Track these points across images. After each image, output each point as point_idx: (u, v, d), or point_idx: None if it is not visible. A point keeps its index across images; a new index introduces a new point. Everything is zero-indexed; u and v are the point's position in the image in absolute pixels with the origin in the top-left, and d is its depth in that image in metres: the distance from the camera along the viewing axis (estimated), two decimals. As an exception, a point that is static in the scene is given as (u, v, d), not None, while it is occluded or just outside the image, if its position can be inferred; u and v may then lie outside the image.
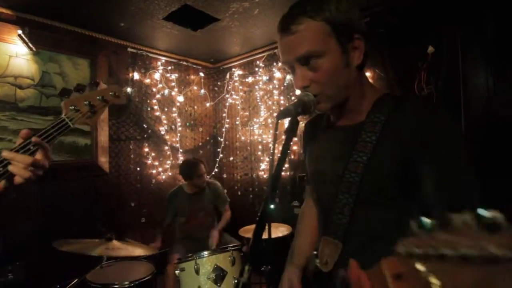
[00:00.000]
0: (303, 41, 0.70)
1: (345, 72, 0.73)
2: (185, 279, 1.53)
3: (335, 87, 0.74)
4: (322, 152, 0.85)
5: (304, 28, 0.69)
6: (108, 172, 2.92)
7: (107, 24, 2.75)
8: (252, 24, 2.85)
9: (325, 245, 0.74)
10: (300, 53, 0.71)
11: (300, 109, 0.70)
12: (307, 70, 0.72)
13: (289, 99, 3.21)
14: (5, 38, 2.38)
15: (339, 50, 0.71)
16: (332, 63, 0.71)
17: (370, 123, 0.73)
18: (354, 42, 0.72)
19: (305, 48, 0.70)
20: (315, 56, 0.70)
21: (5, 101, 2.37)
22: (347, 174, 0.72)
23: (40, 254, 2.47)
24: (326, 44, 0.69)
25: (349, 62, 0.73)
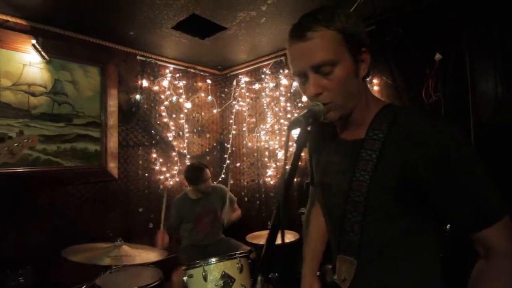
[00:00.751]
0: (318, 49, 0.70)
1: (355, 81, 0.75)
2: (193, 285, 1.54)
3: (345, 96, 0.75)
4: (327, 163, 0.87)
5: (319, 35, 0.70)
6: (117, 178, 2.97)
7: (117, 33, 2.82)
8: (258, 33, 2.89)
9: (342, 264, 0.77)
10: (316, 61, 0.71)
11: (311, 119, 0.72)
12: (321, 78, 0.73)
13: (296, 105, 3.23)
14: (19, 47, 2.46)
15: (350, 60, 0.72)
16: (344, 72, 0.72)
17: (369, 140, 0.74)
18: (362, 55, 0.74)
19: (321, 56, 0.71)
20: (329, 64, 0.71)
21: (18, 108, 2.44)
22: (352, 193, 0.74)
23: (50, 258, 2.50)
24: (339, 52, 0.71)
25: (358, 73, 0.75)
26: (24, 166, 2.42)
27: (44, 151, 2.54)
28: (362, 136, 0.77)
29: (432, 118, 0.70)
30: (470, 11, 2.05)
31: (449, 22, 2.18)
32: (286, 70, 3.30)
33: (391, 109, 0.76)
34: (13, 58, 2.43)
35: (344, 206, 0.76)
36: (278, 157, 3.38)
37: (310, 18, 0.73)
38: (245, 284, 1.55)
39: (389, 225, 0.72)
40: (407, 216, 0.72)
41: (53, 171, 2.58)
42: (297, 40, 0.73)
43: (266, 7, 2.41)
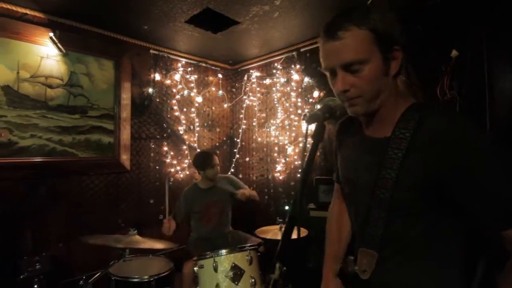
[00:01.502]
0: (349, 48, 0.72)
1: (384, 80, 0.75)
2: (203, 276, 1.57)
3: (373, 93, 0.76)
4: (352, 159, 0.89)
5: (350, 35, 0.72)
6: (130, 170, 3.03)
7: (131, 27, 2.85)
8: (271, 27, 2.88)
9: (363, 256, 0.79)
10: (345, 60, 0.73)
11: (327, 114, 0.73)
12: (349, 75, 0.75)
13: (307, 101, 3.22)
14: (37, 40, 2.52)
15: (380, 59, 0.73)
16: (373, 70, 0.73)
17: (396, 139, 0.74)
18: (394, 53, 0.74)
19: (351, 55, 0.72)
20: (358, 63, 0.73)
21: (36, 100, 2.51)
22: (378, 190, 0.76)
23: (65, 246, 2.59)
24: (369, 52, 0.72)
25: (388, 71, 0.75)
26: (41, 156, 2.50)
27: (60, 142, 2.61)
28: (389, 134, 0.77)
29: (459, 119, 0.71)
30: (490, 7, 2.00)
31: (467, 19, 2.13)
32: (297, 65, 3.28)
33: (418, 108, 0.76)
34: (31, 50, 2.50)
35: (369, 202, 0.78)
36: (288, 152, 3.38)
37: (343, 17, 0.74)
38: (255, 276, 1.58)
39: (412, 222, 0.74)
40: (430, 215, 0.73)
41: (69, 162, 2.65)
42: (329, 38, 0.75)
43: (279, 2, 2.40)
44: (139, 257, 2.21)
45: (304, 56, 3.25)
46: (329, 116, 0.73)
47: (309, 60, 3.22)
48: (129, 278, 1.94)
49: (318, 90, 3.11)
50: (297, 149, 3.32)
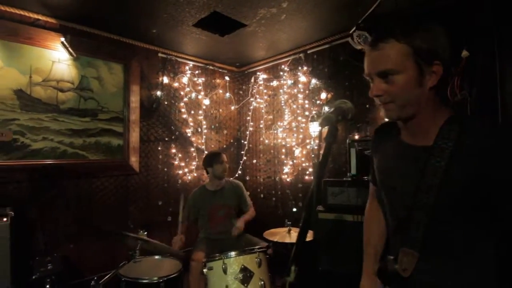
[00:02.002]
0: (385, 59, 0.79)
1: (417, 90, 0.80)
2: (213, 278, 1.58)
3: (404, 101, 0.81)
4: (390, 166, 0.94)
5: (388, 47, 0.79)
6: (138, 172, 3.06)
7: (140, 31, 2.90)
8: (278, 29, 2.88)
9: (404, 255, 0.83)
10: (380, 69, 0.81)
11: (340, 116, 0.74)
12: (383, 83, 0.81)
13: (314, 103, 3.21)
14: (49, 45, 2.57)
15: (415, 71, 0.78)
16: (406, 81, 0.78)
17: (438, 148, 0.79)
18: (433, 67, 0.78)
19: (385, 66, 0.79)
20: (391, 73, 0.79)
21: (48, 103, 2.56)
22: (421, 195, 0.80)
23: (76, 246, 2.63)
24: (404, 64, 0.78)
25: (423, 83, 0.79)
26: (52, 158, 2.55)
27: (71, 144, 2.66)
28: (430, 143, 0.81)
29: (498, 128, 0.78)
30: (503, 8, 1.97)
31: (479, 18, 2.10)
32: (304, 67, 3.28)
33: (458, 119, 0.81)
34: (43, 55, 2.55)
35: (410, 206, 0.82)
36: (295, 154, 3.37)
37: (387, 30, 0.81)
38: (264, 278, 1.58)
39: (452, 226, 0.79)
40: (470, 220, 0.78)
41: (79, 164, 2.69)
42: (371, 48, 0.83)
43: (287, 4, 2.41)
44: (148, 258, 2.22)
45: (311, 58, 3.25)
46: (341, 119, 0.74)
47: (316, 61, 3.22)
48: (139, 279, 1.95)
49: (326, 91, 3.10)
50: (304, 151, 3.31)
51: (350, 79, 2.94)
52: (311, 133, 3.13)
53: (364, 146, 2.50)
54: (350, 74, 2.93)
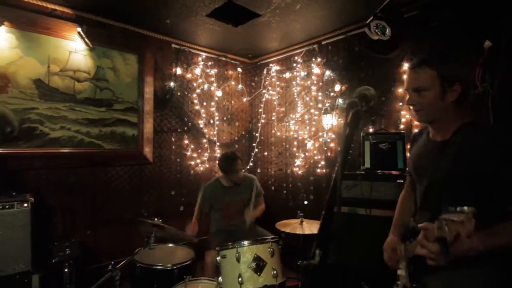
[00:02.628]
0: (418, 80, 1.12)
1: (440, 103, 1.11)
2: (226, 265, 1.60)
3: (429, 110, 1.13)
4: (420, 155, 1.26)
5: (422, 71, 1.12)
6: (152, 162, 3.11)
7: (154, 21, 2.91)
8: (292, 19, 2.84)
9: (421, 215, 1.14)
10: (413, 86, 1.14)
11: (364, 102, 0.74)
12: (416, 96, 1.14)
13: (328, 95, 3.17)
14: (66, 35, 2.62)
15: (440, 89, 1.09)
16: (431, 96, 1.10)
17: (451, 142, 1.11)
18: (454, 87, 1.09)
19: (417, 84, 1.13)
20: (422, 89, 1.12)
21: (65, 93, 2.61)
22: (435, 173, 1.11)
23: (92, 232, 2.71)
24: (431, 84, 1.10)
25: (445, 97, 1.10)
26: (70, 147, 2.61)
27: (88, 133, 2.71)
28: (447, 139, 1.13)
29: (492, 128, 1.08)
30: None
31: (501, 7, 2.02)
32: (318, 58, 3.23)
33: (470, 123, 1.11)
34: (60, 45, 2.60)
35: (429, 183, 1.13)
36: (308, 147, 3.35)
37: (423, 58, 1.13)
38: (276, 268, 1.59)
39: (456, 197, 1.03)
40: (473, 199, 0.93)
41: (95, 153, 2.75)
42: (411, 70, 1.16)
43: (302, -7, 2.37)
44: (162, 246, 2.27)
45: (326, 49, 3.20)
46: (365, 104, 0.74)
47: (331, 53, 3.17)
48: (153, 266, 2.00)
49: (340, 83, 3.05)
50: (317, 144, 3.28)
51: (366, 71, 2.88)
52: (324, 126, 3.10)
53: (379, 139, 2.46)
54: (366, 65, 2.87)
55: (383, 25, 2.36)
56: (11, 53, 2.36)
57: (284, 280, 1.64)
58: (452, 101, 1.09)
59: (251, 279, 1.53)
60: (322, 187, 3.20)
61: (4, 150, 2.32)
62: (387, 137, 2.46)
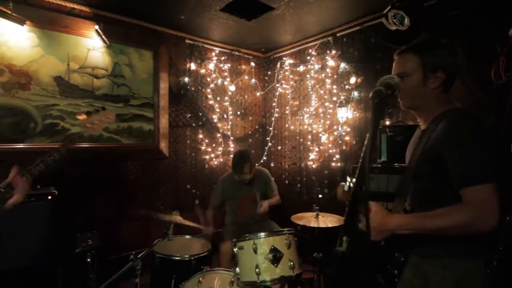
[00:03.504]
0: (402, 65, 1.14)
1: (422, 88, 1.11)
2: (243, 256, 1.62)
3: (412, 94, 1.14)
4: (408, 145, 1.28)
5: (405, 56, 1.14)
6: (168, 156, 3.17)
7: (169, 17, 2.93)
8: (307, 12, 2.80)
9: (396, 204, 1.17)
10: (398, 72, 1.14)
11: (389, 91, 0.73)
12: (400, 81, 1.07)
13: (343, 88, 3.12)
14: (84, 33, 2.68)
15: (422, 75, 1.10)
16: (414, 81, 1.11)
17: (427, 131, 1.11)
18: (437, 74, 1.09)
19: (401, 69, 1.14)
20: (404, 74, 1.12)
21: (84, 89, 2.69)
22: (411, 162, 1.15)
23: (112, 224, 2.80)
24: (414, 69, 1.11)
25: (427, 83, 1.10)
26: (90, 142, 2.69)
27: (107, 129, 2.79)
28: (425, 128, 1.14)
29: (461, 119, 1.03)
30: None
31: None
32: (333, 50, 3.18)
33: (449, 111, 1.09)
34: (79, 43, 2.67)
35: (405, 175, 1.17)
36: (322, 140, 3.32)
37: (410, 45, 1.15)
38: (293, 259, 1.60)
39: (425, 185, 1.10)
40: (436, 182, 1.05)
41: (114, 148, 2.83)
42: (397, 55, 1.18)
43: (317, -16, 2.33)
44: (179, 237, 2.32)
45: (341, 41, 3.14)
46: (391, 93, 0.73)
47: (346, 45, 3.11)
48: (172, 256, 2.05)
49: (355, 76, 3.00)
50: (331, 138, 3.25)
51: (382, 62, 2.81)
52: (339, 119, 3.06)
53: (396, 131, 2.41)
54: (382, 57, 2.80)
55: (402, 15, 2.30)
56: (33, 51, 2.45)
57: (300, 271, 1.65)
58: (435, 88, 1.09)
59: (268, 270, 1.55)
60: (337, 181, 3.17)
61: (28, 145, 2.42)
62: (405, 129, 2.41)
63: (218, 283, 1.78)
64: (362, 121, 2.99)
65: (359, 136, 3.02)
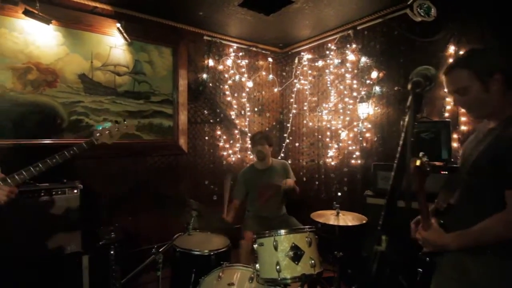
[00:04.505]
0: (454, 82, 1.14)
1: (486, 95, 1.08)
2: (263, 253, 1.61)
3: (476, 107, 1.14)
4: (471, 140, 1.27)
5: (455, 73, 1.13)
6: (187, 152, 3.21)
7: (187, 14, 2.95)
8: (326, 5, 2.74)
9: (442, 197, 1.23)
10: (453, 89, 1.16)
11: (428, 82, 0.69)
12: (459, 96, 1.14)
13: (364, 82, 3.04)
14: (106, 31, 2.74)
15: (479, 84, 1.08)
16: (475, 91, 1.09)
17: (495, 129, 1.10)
18: (493, 76, 1.06)
19: (456, 86, 1.14)
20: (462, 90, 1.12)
21: (107, 86, 2.75)
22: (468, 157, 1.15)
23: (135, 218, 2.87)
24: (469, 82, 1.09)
25: (489, 89, 1.07)
26: (112, 138, 2.76)
27: (128, 125, 2.84)
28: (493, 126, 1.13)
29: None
30: None
31: None
32: (353, 44, 3.09)
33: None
34: (101, 41, 2.73)
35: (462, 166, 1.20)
36: (341, 137, 3.26)
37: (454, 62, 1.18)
38: (314, 257, 1.57)
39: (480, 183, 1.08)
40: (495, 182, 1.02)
41: (135, 143, 2.89)
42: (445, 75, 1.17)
43: (338, -24, 2.26)
44: (199, 232, 2.35)
45: (362, 34, 3.05)
46: (429, 84, 0.69)
47: (367, 38, 3.02)
48: (192, 251, 2.08)
49: (377, 70, 2.91)
50: (351, 134, 3.18)
51: (406, 56, 2.71)
52: (360, 115, 2.99)
53: (421, 128, 2.32)
54: (406, 50, 2.70)
55: (428, 5, 2.21)
56: (58, 50, 2.53)
57: (321, 270, 1.62)
58: (497, 89, 1.07)
59: (289, 267, 1.53)
60: (357, 179, 3.11)
61: (55, 141, 2.51)
62: (430, 126, 2.32)
63: (238, 279, 1.78)
64: (384, 117, 2.90)
65: (380, 132, 2.93)
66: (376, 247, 0.49)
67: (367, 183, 2.90)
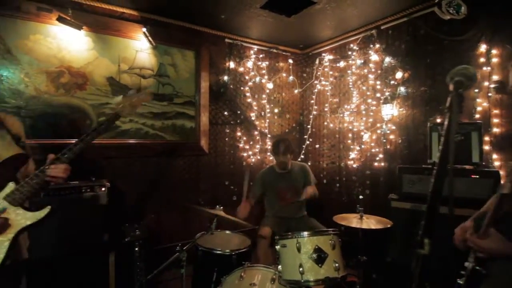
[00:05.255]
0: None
1: None
2: (286, 254, 1.61)
3: None
4: None
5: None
6: (208, 153, 3.26)
7: (209, 18, 3.00)
8: (349, 4, 2.70)
9: None
10: None
11: (469, 81, 0.67)
12: None
13: (387, 83, 2.96)
14: (132, 35, 2.84)
15: None
16: None
17: None
18: None
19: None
20: None
21: (133, 89, 2.84)
22: None
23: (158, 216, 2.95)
24: None
25: None
26: (137, 139, 2.86)
27: (152, 126, 2.94)
28: None
29: None
30: None
31: None
32: (377, 44, 3.03)
33: None
34: (128, 45, 2.83)
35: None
36: (364, 139, 3.19)
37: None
38: (338, 261, 1.55)
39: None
40: None
41: (159, 144, 2.97)
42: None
43: (363, -25, 2.23)
44: (220, 232, 2.37)
45: (385, 34, 2.99)
46: (470, 84, 0.67)
47: (391, 38, 2.95)
48: (213, 250, 2.10)
49: (402, 70, 2.83)
50: (374, 136, 3.11)
51: (432, 56, 2.62)
52: (384, 117, 2.92)
53: (449, 129, 2.24)
54: (433, 49, 2.61)
55: (458, 3, 2.13)
56: (88, 54, 2.65)
57: (345, 274, 1.60)
58: None
59: (312, 270, 1.52)
60: (380, 182, 3.03)
61: (85, 141, 2.62)
62: (460, 127, 2.23)
63: (260, 280, 1.78)
64: (409, 118, 2.82)
65: (405, 134, 2.85)
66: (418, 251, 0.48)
67: (391, 186, 2.83)
